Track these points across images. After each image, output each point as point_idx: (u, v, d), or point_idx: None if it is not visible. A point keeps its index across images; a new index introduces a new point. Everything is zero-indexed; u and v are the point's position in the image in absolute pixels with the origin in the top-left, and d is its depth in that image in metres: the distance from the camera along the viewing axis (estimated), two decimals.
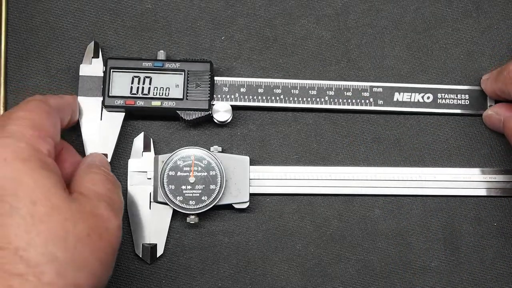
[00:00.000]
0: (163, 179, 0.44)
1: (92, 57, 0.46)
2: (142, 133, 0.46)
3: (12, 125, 0.36)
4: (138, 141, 0.46)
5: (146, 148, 0.46)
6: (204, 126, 0.47)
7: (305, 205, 0.47)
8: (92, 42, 0.47)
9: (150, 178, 0.45)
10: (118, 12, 0.48)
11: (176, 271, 0.46)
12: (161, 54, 0.46)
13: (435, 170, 0.47)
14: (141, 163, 0.46)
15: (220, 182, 0.44)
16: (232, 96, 0.46)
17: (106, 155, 0.45)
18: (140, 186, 0.45)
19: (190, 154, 0.45)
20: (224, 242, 0.46)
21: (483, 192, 0.47)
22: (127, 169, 0.46)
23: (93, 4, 0.48)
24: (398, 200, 0.47)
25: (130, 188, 0.45)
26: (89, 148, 0.45)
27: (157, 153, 0.46)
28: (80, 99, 0.46)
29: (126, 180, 0.46)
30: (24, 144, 0.35)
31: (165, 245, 0.45)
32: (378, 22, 0.49)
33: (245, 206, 0.45)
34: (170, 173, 0.44)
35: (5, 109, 0.47)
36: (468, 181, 0.47)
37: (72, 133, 0.46)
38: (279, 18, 0.48)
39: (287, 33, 0.48)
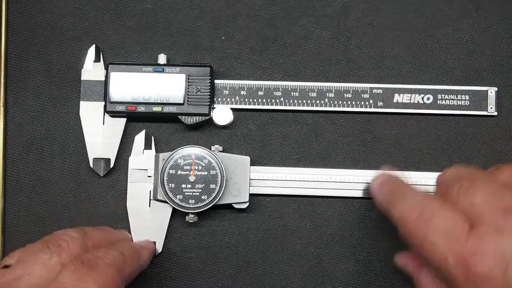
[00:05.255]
0: (163, 177, 0.44)
1: (94, 61, 0.46)
2: (144, 130, 0.46)
3: None
4: (139, 139, 0.46)
5: (147, 145, 0.46)
6: (204, 126, 0.47)
7: (305, 205, 0.47)
8: (93, 46, 0.47)
9: (150, 176, 0.45)
10: (118, 12, 0.48)
11: (176, 271, 0.46)
12: (162, 58, 0.46)
13: (435, 173, 0.46)
14: (142, 161, 0.46)
15: (220, 182, 0.44)
16: (233, 99, 0.46)
17: (109, 159, 0.45)
18: (140, 184, 0.45)
19: (191, 153, 0.45)
20: (224, 242, 0.46)
21: None
22: (127, 166, 0.46)
23: (93, 4, 0.48)
24: None
25: (130, 186, 0.45)
26: (92, 153, 0.45)
27: (157, 152, 0.46)
28: (83, 104, 0.46)
29: (126, 177, 0.46)
30: None
31: (165, 245, 0.45)
32: (378, 22, 0.49)
33: (245, 206, 0.45)
34: (171, 171, 0.44)
35: (5, 108, 0.47)
36: None
37: (75, 137, 0.47)
38: (279, 18, 0.48)
39: (287, 33, 0.48)
